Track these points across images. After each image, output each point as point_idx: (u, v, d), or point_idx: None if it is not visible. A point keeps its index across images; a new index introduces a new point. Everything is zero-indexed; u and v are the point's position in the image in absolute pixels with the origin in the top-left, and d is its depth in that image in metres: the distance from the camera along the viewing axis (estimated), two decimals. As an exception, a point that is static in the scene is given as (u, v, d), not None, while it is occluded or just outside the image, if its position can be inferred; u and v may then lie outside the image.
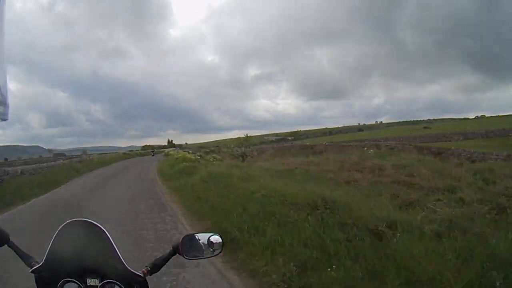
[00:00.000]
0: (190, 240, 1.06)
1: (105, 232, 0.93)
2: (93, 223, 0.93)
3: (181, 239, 1.04)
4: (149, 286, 0.96)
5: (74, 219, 0.94)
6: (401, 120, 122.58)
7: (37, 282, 0.94)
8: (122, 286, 0.92)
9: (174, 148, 49.69)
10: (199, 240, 1.07)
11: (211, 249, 1.08)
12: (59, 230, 0.93)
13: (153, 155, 42.31)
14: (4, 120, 1.30)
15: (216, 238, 1.08)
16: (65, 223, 0.93)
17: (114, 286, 0.92)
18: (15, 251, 0.99)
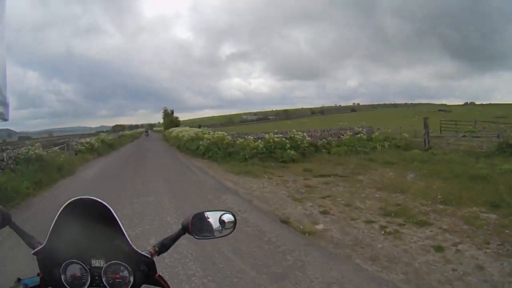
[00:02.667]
0: (201, 218, 1.00)
1: (111, 211, 0.87)
2: (98, 201, 0.87)
3: (191, 217, 0.98)
4: (157, 266, 0.92)
5: (77, 197, 0.87)
6: (374, 103, 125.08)
7: (39, 265, 0.89)
8: (128, 267, 0.88)
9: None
10: (210, 218, 1.01)
11: (223, 228, 1.01)
12: (62, 209, 0.86)
13: (147, 135, 46.57)
14: (5, 120, 1.26)
15: (228, 217, 1.02)
16: (68, 201, 0.87)
17: (120, 267, 0.88)
18: (17, 232, 0.94)
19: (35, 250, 0.88)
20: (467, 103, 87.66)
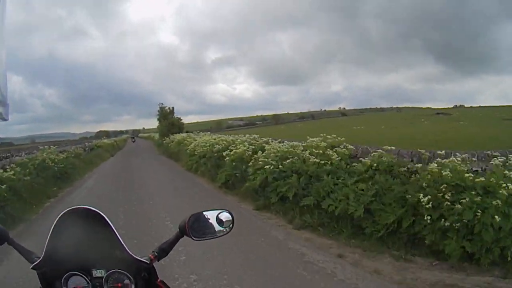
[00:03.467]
0: (198, 219, 1.00)
1: (106, 219, 0.86)
2: (92, 210, 0.86)
3: (187, 219, 0.98)
4: (157, 271, 0.91)
5: (72, 207, 0.87)
6: (360, 108, 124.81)
7: (40, 279, 0.88)
8: (129, 275, 0.87)
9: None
10: (207, 218, 1.01)
11: (221, 227, 1.01)
12: (57, 221, 0.85)
13: (134, 141, 40.89)
14: (5, 120, 1.27)
15: (225, 215, 1.02)
16: (63, 212, 0.86)
17: (121, 275, 0.87)
18: (15, 248, 0.94)
19: (34, 264, 0.87)
20: (456, 105, 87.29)
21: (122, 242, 0.87)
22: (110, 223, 0.86)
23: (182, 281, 3.14)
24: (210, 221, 1.01)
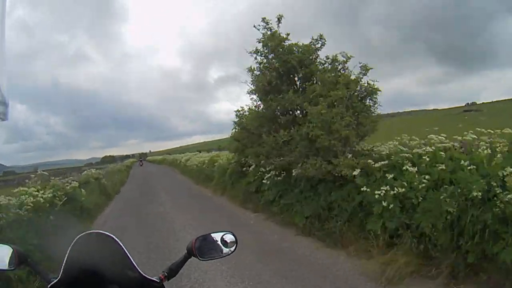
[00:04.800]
0: (204, 240, 1.05)
1: (118, 242, 0.91)
2: (106, 234, 0.92)
3: (193, 240, 1.03)
4: None
5: (86, 232, 0.93)
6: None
7: None
8: None
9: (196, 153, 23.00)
10: (212, 239, 1.06)
11: (225, 248, 1.06)
12: (73, 243, 0.91)
13: (141, 165, 38.51)
14: (4, 120, 1.21)
15: (229, 237, 1.06)
16: (78, 236, 0.91)
17: None
18: (33, 269, 1.00)
19: (51, 284, 0.91)
20: (468, 103, 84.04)
21: (134, 263, 0.91)
22: (122, 245, 0.90)
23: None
24: (215, 242, 1.05)
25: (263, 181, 6.27)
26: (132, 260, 0.91)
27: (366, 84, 4.53)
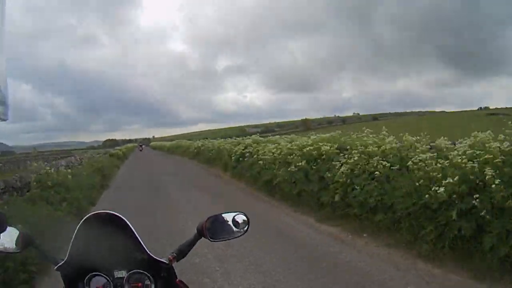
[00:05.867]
0: (215, 221, 1.02)
1: (127, 223, 0.88)
2: (115, 215, 0.89)
3: (205, 220, 1.00)
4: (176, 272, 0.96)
5: (95, 212, 0.91)
6: (367, 114, 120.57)
7: (63, 279, 0.91)
8: (149, 275, 0.90)
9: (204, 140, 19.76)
10: (224, 220, 1.03)
11: (237, 229, 1.03)
12: (81, 224, 0.88)
13: (141, 150, 38.00)
14: (4, 120, 1.22)
15: (241, 217, 1.04)
16: (86, 216, 0.90)
17: (142, 276, 0.90)
18: (39, 251, 0.99)
19: (58, 265, 0.90)
20: (480, 108, 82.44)
21: (143, 244, 0.89)
22: (131, 226, 0.88)
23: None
24: (226, 223, 1.02)
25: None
26: (142, 242, 0.89)
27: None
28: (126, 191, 9.20)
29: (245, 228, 1.04)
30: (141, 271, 0.89)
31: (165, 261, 0.92)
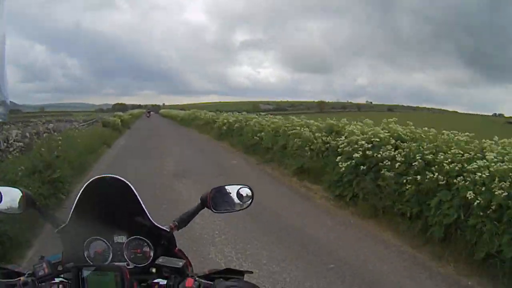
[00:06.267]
0: (219, 192, 1.01)
1: (131, 188, 0.88)
2: (120, 179, 0.88)
3: (209, 191, 1.00)
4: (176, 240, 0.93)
5: (99, 176, 0.89)
6: (379, 103, 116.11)
7: (63, 242, 0.90)
8: (149, 242, 0.90)
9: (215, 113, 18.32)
10: (228, 192, 1.02)
11: (241, 202, 1.02)
12: (84, 187, 0.88)
13: (148, 116, 39.35)
14: (5, 120, 0.65)
15: (245, 190, 1.02)
16: (90, 179, 0.88)
17: (141, 242, 0.89)
18: (41, 213, 0.98)
19: (59, 228, 0.89)
20: (495, 114, 79.41)
21: (146, 210, 0.89)
22: (135, 191, 0.88)
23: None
24: (230, 194, 1.01)
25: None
26: (144, 207, 0.89)
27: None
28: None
29: (249, 202, 1.03)
30: (141, 237, 0.89)
31: (166, 229, 0.93)
